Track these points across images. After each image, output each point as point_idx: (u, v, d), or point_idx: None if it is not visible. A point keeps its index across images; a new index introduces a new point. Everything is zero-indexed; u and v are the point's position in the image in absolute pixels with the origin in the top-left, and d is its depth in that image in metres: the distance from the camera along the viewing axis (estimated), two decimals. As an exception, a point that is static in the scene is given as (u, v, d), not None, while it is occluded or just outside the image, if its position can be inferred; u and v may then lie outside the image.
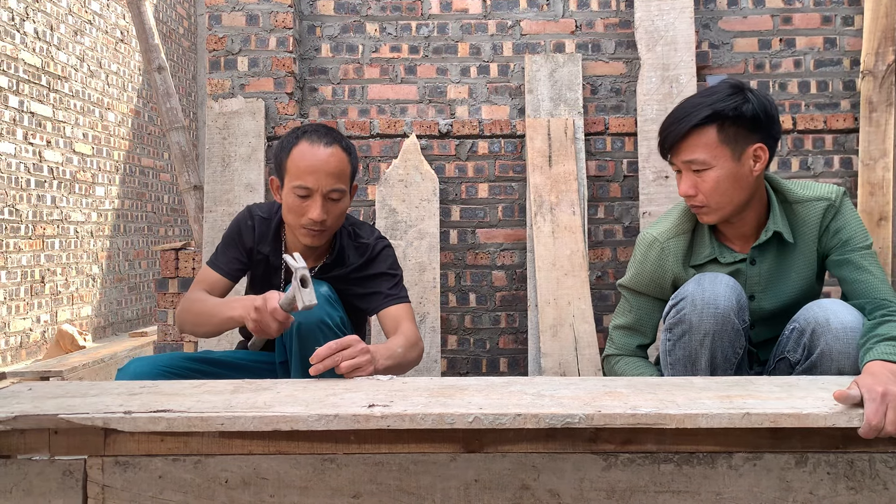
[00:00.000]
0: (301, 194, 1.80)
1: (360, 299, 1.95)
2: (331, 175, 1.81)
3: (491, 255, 3.24)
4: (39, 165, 4.94)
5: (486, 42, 3.36)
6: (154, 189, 6.74)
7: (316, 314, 1.73)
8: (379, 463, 1.24)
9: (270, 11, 3.25)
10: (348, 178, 1.88)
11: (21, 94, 4.73)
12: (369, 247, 1.97)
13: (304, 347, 1.72)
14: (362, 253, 1.96)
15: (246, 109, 3.18)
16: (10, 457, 1.24)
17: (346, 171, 1.86)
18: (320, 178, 1.80)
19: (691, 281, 1.67)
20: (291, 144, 1.84)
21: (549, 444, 1.23)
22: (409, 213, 3.13)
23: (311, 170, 1.80)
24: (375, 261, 1.96)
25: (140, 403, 1.26)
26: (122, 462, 1.24)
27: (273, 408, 1.22)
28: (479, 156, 3.25)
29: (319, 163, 1.80)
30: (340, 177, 1.84)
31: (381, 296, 1.93)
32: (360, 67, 3.37)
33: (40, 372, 3.64)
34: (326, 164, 1.81)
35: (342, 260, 1.95)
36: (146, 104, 6.60)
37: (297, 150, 1.82)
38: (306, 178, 1.79)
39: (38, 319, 4.94)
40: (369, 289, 1.94)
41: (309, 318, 1.72)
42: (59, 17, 5.23)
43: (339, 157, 1.84)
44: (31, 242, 4.85)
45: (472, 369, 3.23)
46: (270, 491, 1.23)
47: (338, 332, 1.75)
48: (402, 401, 1.27)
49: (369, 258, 1.96)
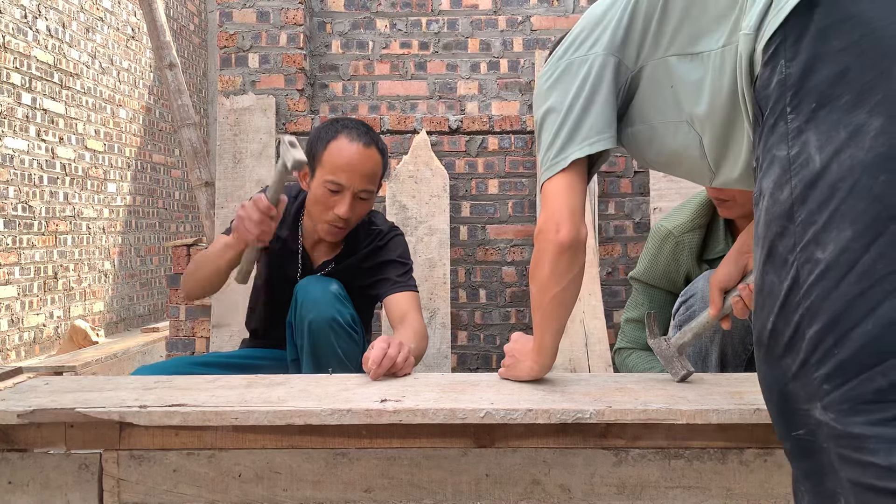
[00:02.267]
0: (332, 189, 1.79)
1: (370, 286, 1.94)
2: (365, 176, 1.81)
3: (501, 251, 3.25)
4: (52, 162, 4.97)
5: (496, 38, 3.36)
6: (165, 185, 6.77)
7: (327, 312, 1.73)
8: (391, 457, 1.25)
9: (281, 8, 3.26)
10: (379, 179, 1.87)
11: (34, 91, 4.76)
12: (381, 234, 1.96)
13: (315, 345, 1.73)
14: (373, 239, 1.95)
15: (257, 106, 3.19)
16: (28, 450, 1.26)
17: (379, 172, 1.86)
18: (354, 177, 1.79)
19: (701, 277, 1.67)
20: (330, 137, 1.83)
21: (559, 440, 1.24)
22: (419, 209, 3.13)
23: (346, 167, 1.78)
24: (386, 248, 1.95)
25: (155, 398, 1.27)
26: (137, 456, 1.25)
27: (286, 402, 1.23)
28: (489, 152, 3.25)
29: (356, 162, 1.79)
30: (373, 178, 1.83)
31: (389, 282, 1.91)
32: (371, 64, 3.38)
33: (54, 367, 3.67)
34: (362, 164, 1.80)
35: (354, 248, 1.96)
36: (157, 101, 6.63)
37: (335, 144, 1.81)
38: (340, 174, 1.79)
39: (52, 315, 4.98)
40: (378, 275, 1.93)
41: (320, 316, 1.72)
42: (71, 15, 5.26)
43: (375, 158, 1.83)
44: (44, 239, 4.89)
45: (482, 365, 3.23)
46: (283, 485, 1.24)
47: (349, 330, 1.75)
48: (414, 396, 1.27)
49: (379, 245, 1.95)
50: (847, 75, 0.81)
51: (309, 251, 1.96)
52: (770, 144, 0.88)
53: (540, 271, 1.22)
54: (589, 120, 1.17)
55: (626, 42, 1.17)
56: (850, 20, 0.82)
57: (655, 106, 1.17)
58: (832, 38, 0.83)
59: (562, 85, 1.20)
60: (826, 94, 0.83)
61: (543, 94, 1.24)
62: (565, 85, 1.20)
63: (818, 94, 0.83)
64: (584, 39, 1.21)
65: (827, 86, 0.83)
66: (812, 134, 0.83)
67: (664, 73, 1.15)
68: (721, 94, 1.05)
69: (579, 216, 1.19)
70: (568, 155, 1.16)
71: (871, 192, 0.79)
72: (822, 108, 0.83)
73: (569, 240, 1.17)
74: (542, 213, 1.21)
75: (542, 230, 1.20)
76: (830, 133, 0.82)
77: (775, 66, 0.88)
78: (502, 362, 1.43)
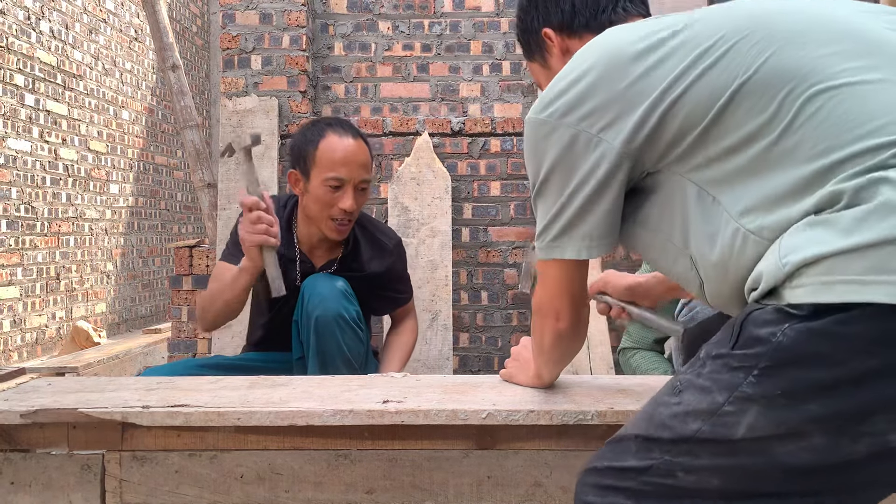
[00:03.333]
0: (334, 185, 1.84)
1: (375, 300, 2.00)
2: (362, 166, 1.88)
3: (503, 253, 3.25)
4: (55, 163, 4.98)
5: (498, 40, 3.36)
6: (168, 187, 6.78)
7: (333, 308, 1.75)
8: (392, 459, 1.25)
9: (284, 10, 3.26)
10: (371, 169, 1.94)
11: (37, 92, 4.77)
12: (391, 253, 2.02)
13: (322, 343, 1.74)
14: (382, 256, 2.00)
15: (259, 108, 3.20)
16: (30, 451, 1.26)
17: (370, 162, 1.93)
18: (353, 168, 1.85)
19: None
20: (318, 137, 1.87)
21: (561, 442, 1.24)
22: (421, 210, 3.14)
23: (344, 161, 1.84)
24: (394, 269, 2.02)
25: (158, 399, 1.28)
26: (139, 456, 1.25)
27: (289, 403, 1.23)
28: (491, 154, 3.26)
29: (351, 154, 1.85)
30: (368, 168, 1.91)
31: (393, 301, 2.05)
32: (373, 66, 3.38)
33: (56, 368, 3.68)
34: (357, 155, 1.86)
35: (357, 254, 1.98)
36: (160, 102, 6.64)
37: (326, 142, 1.86)
38: (340, 169, 1.83)
39: (54, 316, 4.98)
40: (386, 293, 2.01)
41: (326, 312, 1.74)
42: (75, 16, 5.27)
43: (365, 149, 1.91)
44: (47, 240, 4.90)
45: (484, 367, 3.23)
46: (285, 486, 1.25)
47: (354, 326, 1.77)
48: (416, 397, 1.28)
49: (390, 266, 2.01)
50: (822, 399, 0.75)
51: (308, 255, 1.97)
52: (721, 366, 0.81)
53: (539, 343, 1.18)
54: (590, 220, 1.00)
55: (650, 146, 0.94)
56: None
57: (661, 218, 0.99)
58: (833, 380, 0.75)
59: (565, 162, 0.99)
60: (796, 394, 0.76)
61: (541, 146, 1.02)
62: (569, 163, 0.99)
63: (790, 390, 0.76)
64: (601, 108, 0.96)
65: (802, 389, 0.76)
66: (757, 411, 0.77)
67: (679, 196, 0.96)
68: (730, 276, 0.91)
69: (580, 300, 1.09)
70: (564, 249, 1.03)
71: None
72: (782, 403, 0.76)
73: (569, 328, 1.10)
74: (541, 291, 1.11)
75: (542, 311, 1.11)
76: (775, 427, 0.76)
77: (779, 321, 0.77)
78: (506, 362, 1.43)
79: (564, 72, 1.02)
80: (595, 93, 0.97)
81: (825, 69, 0.86)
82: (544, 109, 1.01)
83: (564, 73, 1.02)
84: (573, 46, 1.19)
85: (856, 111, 0.82)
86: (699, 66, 0.91)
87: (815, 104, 0.84)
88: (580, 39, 1.18)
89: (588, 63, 0.99)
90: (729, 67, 0.89)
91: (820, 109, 0.84)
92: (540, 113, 1.02)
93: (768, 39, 0.89)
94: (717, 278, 0.93)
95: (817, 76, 0.85)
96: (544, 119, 1.01)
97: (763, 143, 0.87)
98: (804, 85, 0.86)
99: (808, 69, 0.86)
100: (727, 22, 0.93)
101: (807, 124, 0.84)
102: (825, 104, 0.84)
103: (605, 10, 1.19)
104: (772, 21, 0.91)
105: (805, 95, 0.85)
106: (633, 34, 0.98)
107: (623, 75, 0.95)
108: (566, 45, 1.21)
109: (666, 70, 0.93)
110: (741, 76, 0.89)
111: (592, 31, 1.16)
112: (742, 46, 0.90)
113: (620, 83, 0.95)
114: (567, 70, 1.02)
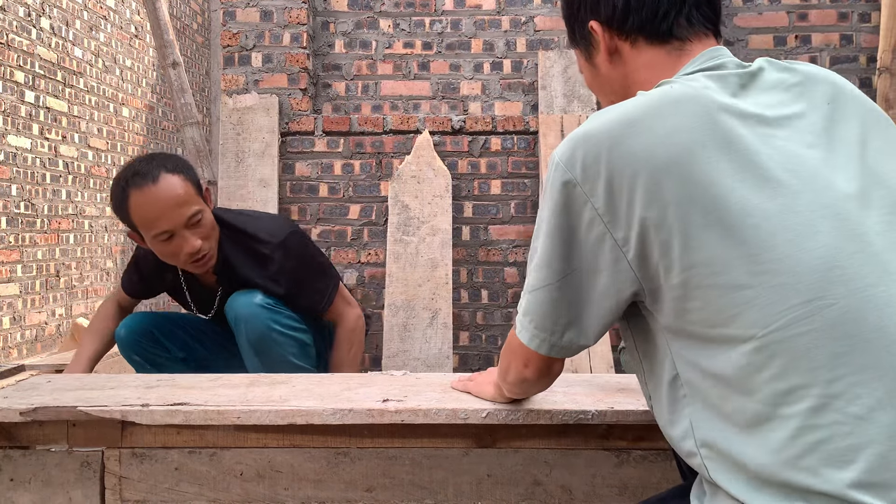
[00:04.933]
0: (164, 238, 1.73)
1: (300, 299, 1.91)
2: (178, 206, 1.71)
3: (503, 252, 3.25)
4: (55, 160, 4.98)
5: (499, 38, 3.36)
6: (168, 184, 6.77)
7: (262, 326, 1.77)
8: (392, 457, 1.25)
9: (284, 7, 3.26)
10: (195, 195, 1.76)
11: (37, 89, 4.77)
12: (269, 257, 1.86)
13: (266, 360, 1.80)
14: (262, 264, 1.86)
15: (260, 105, 3.20)
16: (30, 448, 1.26)
17: (190, 190, 1.74)
18: (170, 215, 1.70)
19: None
20: (123, 198, 1.72)
21: (561, 441, 1.24)
22: (421, 209, 3.14)
23: (158, 214, 1.70)
24: (283, 270, 1.86)
25: (157, 396, 1.28)
26: (138, 454, 1.25)
27: (288, 402, 1.23)
28: (491, 152, 3.25)
29: (161, 202, 1.70)
30: (188, 201, 1.73)
31: (315, 300, 1.93)
32: (374, 63, 3.38)
33: (56, 365, 3.66)
34: (167, 200, 1.70)
35: (231, 268, 1.87)
36: (160, 100, 6.64)
37: (133, 203, 1.71)
38: (159, 223, 1.70)
39: (54, 313, 4.98)
40: (301, 290, 1.90)
41: (257, 334, 1.77)
42: (75, 13, 5.26)
43: (173, 183, 1.72)
44: (47, 237, 4.90)
45: (484, 366, 3.23)
46: (285, 484, 1.25)
47: (289, 333, 1.81)
48: (416, 396, 1.27)
49: (277, 270, 1.86)
50: None
51: (198, 280, 1.96)
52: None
53: (503, 375, 1.10)
54: (582, 313, 0.92)
55: (645, 267, 0.85)
56: None
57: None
58: None
59: (571, 250, 0.89)
60: None
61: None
62: (570, 249, 0.89)
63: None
64: (616, 202, 0.84)
65: None
66: None
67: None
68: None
69: (557, 370, 1.01)
70: (540, 342, 0.94)
71: None
72: None
73: (534, 377, 1.01)
74: (513, 347, 1.01)
75: (513, 349, 1.01)
76: None
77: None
78: (461, 377, 1.38)
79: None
80: (617, 175, 0.88)
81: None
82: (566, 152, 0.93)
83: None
84: (623, 50, 1.00)
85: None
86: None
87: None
88: (633, 45, 0.99)
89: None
90: None
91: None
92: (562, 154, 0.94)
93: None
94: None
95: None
96: (563, 165, 0.92)
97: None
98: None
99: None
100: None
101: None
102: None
103: (667, 16, 0.96)
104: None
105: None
106: None
107: (626, 161, 0.87)
108: (615, 44, 1.00)
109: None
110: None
111: (648, 39, 0.97)
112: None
113: (621, 167, 0.88)
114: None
